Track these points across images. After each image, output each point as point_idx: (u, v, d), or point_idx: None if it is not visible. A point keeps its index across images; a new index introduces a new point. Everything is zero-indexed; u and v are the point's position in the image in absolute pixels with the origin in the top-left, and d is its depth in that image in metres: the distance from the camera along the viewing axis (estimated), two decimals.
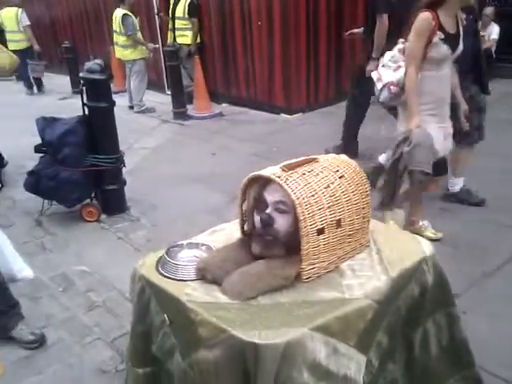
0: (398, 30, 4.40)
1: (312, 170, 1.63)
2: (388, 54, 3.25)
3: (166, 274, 1.67)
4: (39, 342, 2.62)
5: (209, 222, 2.35)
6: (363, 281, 1.61)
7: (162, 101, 7.98)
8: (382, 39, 4.33)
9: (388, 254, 1.76)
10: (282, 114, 6.81)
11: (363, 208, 1.70)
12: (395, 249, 1.79)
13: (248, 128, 6.43)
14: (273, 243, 1.60)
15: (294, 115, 6.76)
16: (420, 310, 1.80)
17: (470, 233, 3.45)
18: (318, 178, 1.61)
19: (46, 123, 3.84)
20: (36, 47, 9.40)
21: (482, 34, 7.68)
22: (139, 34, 7.42)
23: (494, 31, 7.67)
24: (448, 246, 3.20)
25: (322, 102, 7.02)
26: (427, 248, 1.80)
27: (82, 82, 3.83)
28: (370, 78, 3.35)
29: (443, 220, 3.65)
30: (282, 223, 1.57)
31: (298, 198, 1.51)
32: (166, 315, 1.59)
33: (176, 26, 7.44)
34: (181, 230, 3.23)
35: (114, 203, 4.12)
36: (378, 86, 3.23)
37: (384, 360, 1.72)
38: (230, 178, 4.10)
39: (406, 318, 1.77)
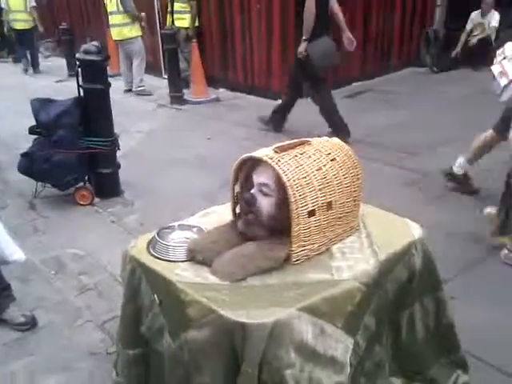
0: (324, 12, 4.53)
1: (304, 153, 1.63)
2: (510, 45, 2.83)
3: (156, 254, 1.67)
4: (30, 324, 2.62)
5: (202, 205, 2.33)
6: (352, 263, 1.61)
7: (158, 84, 7.93)
8: (309, 21, 4.66)
9: (377, 237, 1.76)
10: (280, 100, 6.78)
11: (354, 191, 1.70)
12: (385, 232, 1.79)
13: (244, 113, 6.40)
14: (255, 222, 1.61)
15: None
16: (408, 293, 1.81)
17: (464, 219, 3.46)
18: (310, 161, 1.61)
19: (40, 105, 3.81)
20: (41, 28, 9.54)
21: (481, 21, 7.66)
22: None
23: (493, 19, 7.63)
24: (441, 232, 3.21)
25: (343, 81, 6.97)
26: (416, 232, 1.81)
27: (77, 63, 3.80)
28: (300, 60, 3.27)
29: (438, 206, 3.67)
30: (264, 205, 1.58)
31: (289, 180, 1.51)
32: (155, 295, 1.60)
33: (174, 9, 7.36)
34: (174, 214, 3.21)
35: (107, 187, 4.10)
36: (502, 82, 2.79)
37: (371, 342, 1.74)
38: (224, 162, 4.06)
39: (394, 301, 1.78)
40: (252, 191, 1.59)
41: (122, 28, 7.34)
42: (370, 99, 6.74)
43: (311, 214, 1.57)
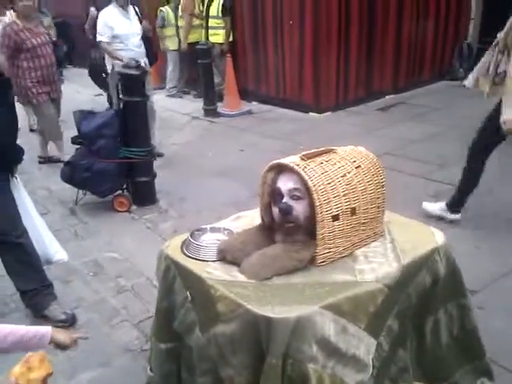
0: None
1: (330, 160, 1.72)
2: None
3: (189, 254, 1.78)
4: (70, 322, 2.78)
5: (233, 213, 2.44)
6: (375, 266, 1.68)
7: (193, 98, 8.17)
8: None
9: (401, 243, 1.82)
10: (311, 113, 6.88)
11: (378, 198, 1.78)
12: (408, 238, 1.85)
13: (276, 126, 6.52)
14: (294, 229, 1.68)
15: (323, 114, 6.81)
16: (431, 299, 1.85)
17: (493, 232, 3.45)
18: (336, 167, 1.69)
19: (82, 116, 4.04)
20: None
21: None
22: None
23: None
24: (471, 244, 3.22)
25: (351, 101, 7.04)
26: (440, 239, 1.86)
27: (118, 76, 4.00)
28: None
29: (466, 219, 3.67)
30: (299, 209, 1.65)
31: (314, 185, 1.60)
32: (188, 292, 1.70)
33: (209, 25, 7.59)
34: (206, 222, 3.32)
35: (144, 195, 4.28)
36: None
37: (394, 346, 1.79)
38: (256, 173, 4.18)
39: (418, 307, 1.83)
40: (284, 200, 1.65)
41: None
42: (402, 112, 6.75)
43: (335, 218, 1.65)
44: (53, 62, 4.91)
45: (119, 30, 5.00)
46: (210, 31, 7.60)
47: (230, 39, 7.65)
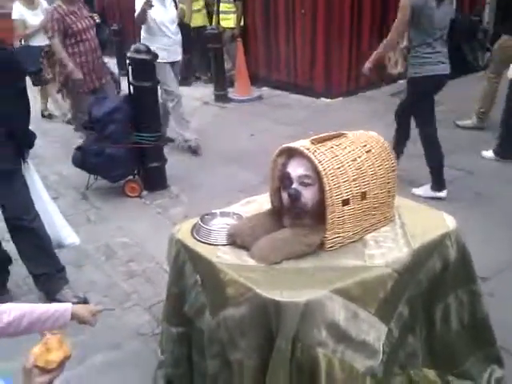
0: None
1: (340, 144, 1.71)
2: None
3: (199, 238, 1.79)
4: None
5: (244, 199, 2.44)
6: (385, 251, 1.68)
7: (203, 83, 8.14)
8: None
9: (412, 228, 1.81)
10: (322, 98, 6.82)
11: (388, 183, 1.76)
12: (419, 223, 1.84)
13: (287, 111, 6.48)
14: (302, 215, 1.69)
15: (334, 99, 6.75)
16: (442, 285, 1.85)
17: (505, 219, 3.42)
18: (346, 152, 1.68)
19: (93, 101, 4.04)
20: None
21: None
22: None
23: None
24: (482, 231, 3.19)
25: (363, 86, 6.95)
26: (451, 223, 1.84)
27: (128, 61, 3.99)
28: None
29: (478, 204, 3.64)
30: (308, 196, 1.65)
31: (324, 169, 1.59)
32: (198, 276, 1.71)
33: (220, 10, 7.52)
34: (216, 207, 3.34)
35: (155, 180, 4.29)
36: None
37: (404, 332, 1.79)
38: (267, 159, 4.17)
39: (428, 293, 1.82)
40: (294, 186, 1.65)
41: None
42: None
43: (345, 203, 1.64)
44: (97, 46, 4.67)
45: (155, 17, 4.82)
46: (221, 15, 7.53)
47: (241, 24, 7.58)
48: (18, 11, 5.69)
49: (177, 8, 5.08)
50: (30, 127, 2.73)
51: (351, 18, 6.62)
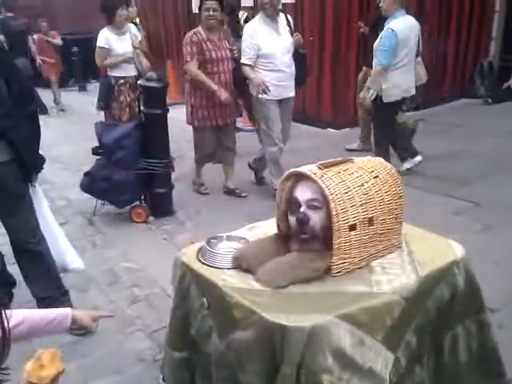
0: None
1: (347, 169, 1.71)
2: None
3: (205, 261, 1.78)
4: (85, 330, 2.78)
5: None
6: (392, 277, 1.66)
7: None
8: None
9: (419, 255, 1.80)
10: (329, 129, 6.88)
11: (395, 209, 1.76)
12: (427, 251, 1.83)
13: (293, 141, 6.49)
14: (309, 240, 1.68)
15: (341, 130, 6.81)
16: (450, 313, 1.82)
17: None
18: (353, 177, 1.68)
19: (103, 127, 4.10)
20: None
21: None
22: None
23: None
24: (489, 263, 3.15)
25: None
26: (459, 252, 1.82)
27: (139, 89, 4.07)
28: None
29: (485, 237, 3.61)
30: (316, 220, 1.64)
31: (331, 194, 1.59)
32: (204, 299, 1.69)
33: None
34: (222, 233, 3.36)
35: (161, 206, 4.30)
36: None
37: (412, 362, 1.75)
38: (273, 188, 4.24)
39: (436, 322, 1.79)
40: (301, 210, 1.65)
41: None
42: (421, 129, 6.70)
43: (352, 228, 1.64)
44: (229, 80, 4.35)
45: (267, 49, 4.16)
46: None
47: None
48: (105, 37, 4.95)
49: (292, 34, 4.36)
50: (39, 151, 2.77)
51: (358, 49, 6.72)
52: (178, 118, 5.41)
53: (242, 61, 4.20)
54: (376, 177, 1.73)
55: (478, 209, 4.12)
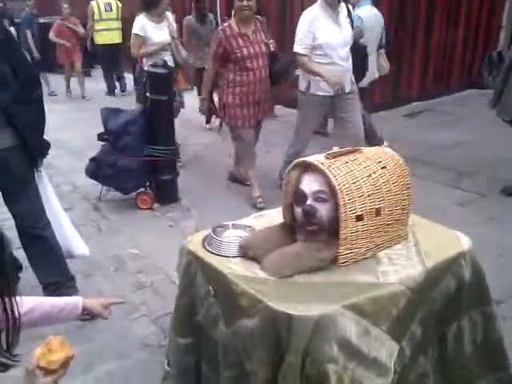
0: None
1: (355, 159, 1.70)
2: None
3: (211, 249, 1.78)
4: (90, 315, 2.80)
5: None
6: (398, 268, 1.65)
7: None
8: None
9: (426, 246, 1.79)
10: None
11: (403, 200, 1.75)
12: (433, 242, 1.82)
13: None
14: (317, 232, 1.67)
15: None
16: (456, 305, 1.81)
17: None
18: (361, 167, 1.67)
19: (109, 113, 4.09)
20: None
21: None
22: None
23: None
24: (494, 254, 3.15)
25: (376, 106, 6.96)
26: (466, 243, 1.82)
27: (145, 75, 4.05)
28: None
29: (491, 228, 3.59)
30: (323, 211, 1.64)
31: (339, 184, 1.58)
32: (211, 287, 1.70)
33: None
34: (227, 221, 3.36)
35: (167, 193, 4.31)
36: None
37: (416, 352, 1.75)
38: (280, 178, 4.23)
39: (441, 313, 1.79)
40: (308, 202, 1.64)
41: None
42: (429, 119, 6.67)
43: (359, 218, 1.63)
44: (265, 76, 3.96)
45: (324, 39, 3.81)
46: None
47: None
48: (141, 25, 4.64)
49: (353, 26, 4.02)
50: (44, 136, 2.76)
51: None
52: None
53: (297, 50, 3.84)
54: (384, 167, 1.71)
55: (483, 200, 4.10)
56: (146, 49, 4.66)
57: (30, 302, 1.42)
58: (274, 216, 1.98)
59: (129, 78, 7.99)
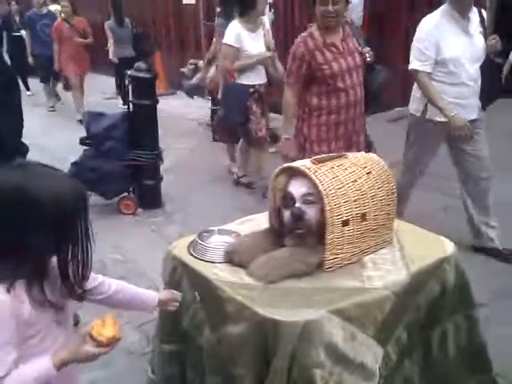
0: None
1: (341, 165, 1.71)
2: None
3: (196, 255, 1.77)
4: (74, 322, 2.75)
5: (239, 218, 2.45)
6: (383, 273, 1.67)
7: (200, 104, 8.17)
8: None
9: (410, 251, 1.81)
10: None
11: (388, 205, 1.76)
12: (418, 247, 1.84)
13: None
14: (304, 235, 1.67)
15: None
16: (440, 309, 1.83)
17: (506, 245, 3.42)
18: (346, 173, 1.68)
19: (92, 117, 4.05)
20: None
21: None
22: None
23: None
24: (479, 257, 3.20)
25: (385, 105, 6.94)
26: (450, 248, 1.84)
27: (128, 79, 4.02)
28: None
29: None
30: (311, 214, 1.64)
31: (325, 189, 1.59)
32: (196, 292, 1.69)
33: None
34: (212, 226, 3.34)
35: (150, 198, 4.28)
36: None
37: (402, 356, 1.77)
38: (265, 179, 4.23)
39: (426, 317, 1.81)
40: (297, 205, 1.64)
41: None
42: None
43: (345, 223, 1.64)
44: (360, 98, 3.05)
45: (450, 52, 3.00)
46: None
47: None
48: (236, 34, 3.97)
49: (486, 38, 3.10)
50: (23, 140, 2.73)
51: None
52: (164, 109, 5.38)
53: (415, 67, 3.05)
54: (369, 173, 1.73)
55: None
56: (241, 62, 4.02)
57: (117, 284, 1.57)
58: (260, 221, 1.98)
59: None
